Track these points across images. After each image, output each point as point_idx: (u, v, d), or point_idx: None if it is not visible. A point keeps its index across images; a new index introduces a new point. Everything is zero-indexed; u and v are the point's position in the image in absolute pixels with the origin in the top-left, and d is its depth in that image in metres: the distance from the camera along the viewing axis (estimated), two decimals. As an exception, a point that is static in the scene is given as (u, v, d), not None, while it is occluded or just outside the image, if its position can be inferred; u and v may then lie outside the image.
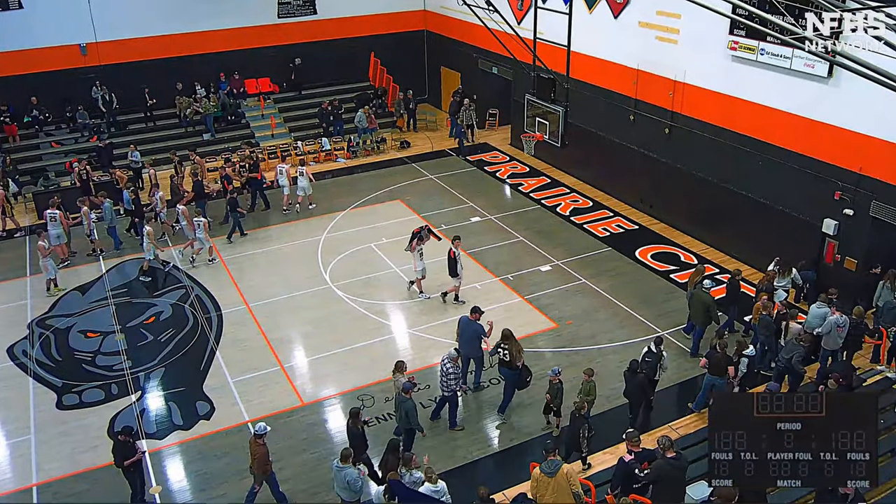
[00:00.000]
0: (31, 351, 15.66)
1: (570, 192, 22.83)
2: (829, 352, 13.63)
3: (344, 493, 10.63)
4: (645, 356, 13.01)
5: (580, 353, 14.90)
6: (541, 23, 19.36)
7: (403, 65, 29.76)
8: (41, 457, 12.78)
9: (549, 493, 9.32)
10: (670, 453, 9.74)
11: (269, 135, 27.07)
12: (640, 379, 12.65)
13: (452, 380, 12.71)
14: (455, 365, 12.71)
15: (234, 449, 12.78)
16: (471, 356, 13.80)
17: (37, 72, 24.39)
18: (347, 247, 19.73)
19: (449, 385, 12.75)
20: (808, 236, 16.21)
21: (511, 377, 13.25)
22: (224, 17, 26.50)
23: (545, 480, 9.45)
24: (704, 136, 18.46)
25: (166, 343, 15.81)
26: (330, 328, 16.22)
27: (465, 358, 13.66)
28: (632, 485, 10.03)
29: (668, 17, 18.62)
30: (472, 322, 13.56)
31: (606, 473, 11.26)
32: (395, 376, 12.60)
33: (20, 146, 24.33)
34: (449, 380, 12.70)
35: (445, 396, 12.99)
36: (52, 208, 18.85)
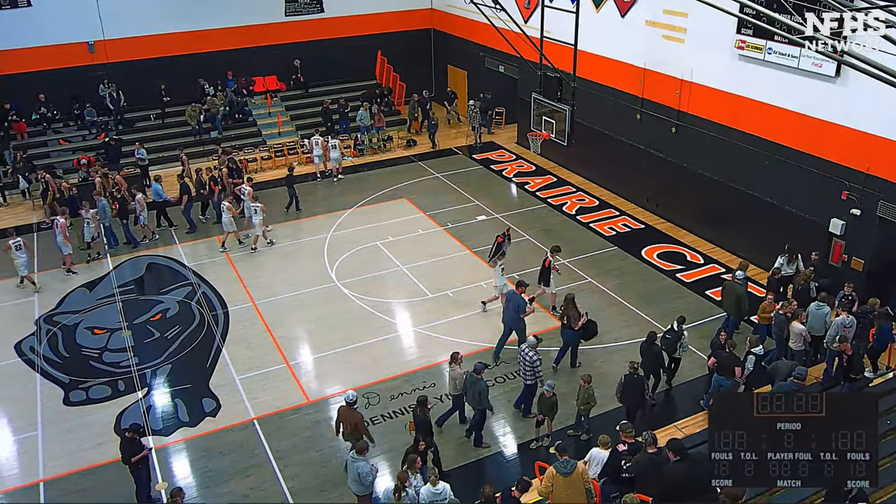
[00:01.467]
0: (38, 347, 15.72)
1: (577, 191, 22.80)
2: (835, 352, 13.49)
3: (354, 486, 10.77)
4: (666, 333, 13.54)
5: (585, 353, 14.84)
6: (547, 21, 19.32)
7: (410, 63, 29.74)
8: (48, 453, 12.83)
9: (565, 492, 9.44)
10: (651, 449, 9.86)
11: (276, 133, 27.09)
12: (657, 349, 13.07)
13: (537, 366, 12.86)
14: (536, 352, 12.92)
15: (240, 446, 12.83)
16: (513, 327, 14.63)
17: (45, 69, 24.45)
18: (353, 245, 19.73)
19: (535, 372, 12.90)
20: (815, 236, 16.12)
21: (570, 336, 14.26)
22: (231, 15, 26.55)
23: (560, 480, 9.52)
24: (711, 135, 18.40)
25: (173, 340, 15.85)
26: (336, 326, 16.22)
27: (507, 328, 14.73)
28: (620, 476, 10.11)
29: (676, 15, 18.55)
30: (517, 296, 14.47)
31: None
32: (451, 367, 12.80)
33: (28, 143, 24.40)
34: (535, 367, 12.83)
35: (528, 385, 13.10)
36: (61, 216, 18.62)
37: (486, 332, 15.76)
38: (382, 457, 12.54)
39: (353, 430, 11.64)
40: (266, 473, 12.26)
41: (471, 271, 18.26)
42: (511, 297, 14.62)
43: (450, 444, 12.73)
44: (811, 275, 14.91)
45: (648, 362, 13.06)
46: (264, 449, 12.77)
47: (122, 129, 25.60)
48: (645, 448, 9.92)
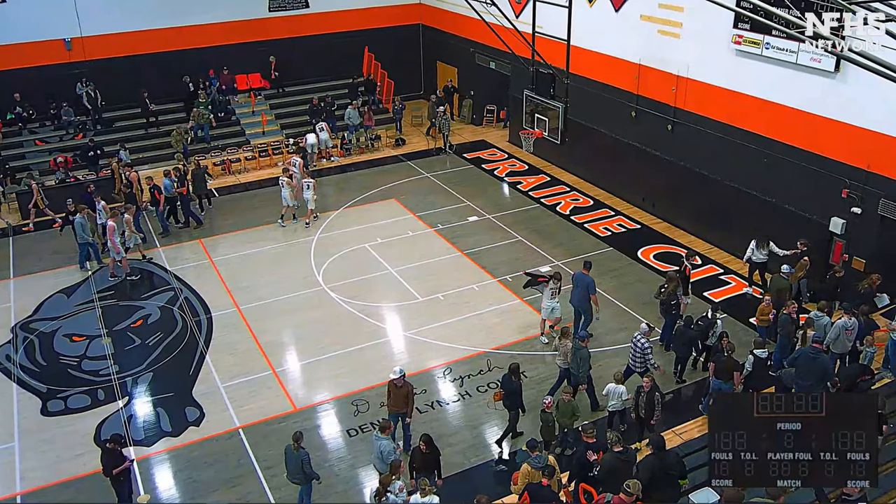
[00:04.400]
0: (14, 356, 15.32)
1: (571, 191, 22.47)
2: (836, 355, 13.27)
3: (377, 463, 11.24)
4: (699, 320, 13.98)
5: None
6: (540, 16, 19.10)
7: (398, 60, 29.33)
8: (25, 464, 12.61)
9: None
10: (617, 448, 10.13)
11: (260, 132, 26.58)
12: (691, 335, 13.63)
13: (648, 353, 12.91)
14: (649, 339, 12.98)
15: (225, 456, 12.61)
16: (580, 308, 14.95)
17: (20, 67, 23.85)
18: (341, 247, 19.37)
19: (646, 360, 12.95)
20: (815, 235, 15.90)
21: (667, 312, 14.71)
22: (214, 11, 26.00)
23: (535, 474, 10.16)
24: (708, 132, 18.18)
25: (154, 347, 15.48)
26: (323, 331, 15.89)
27: (576, 311, 15.12)
28: (586, 474, 10.45)
29: (671, 10, 18.34)
30: (585, 276, 14.81)
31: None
32: (561, 341, 13.18)
33: (2, 144, 23.74)
34: (646, 354, 12.88)
35: (639, 373, 13.02)
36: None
37: (478, 336, 15.55)
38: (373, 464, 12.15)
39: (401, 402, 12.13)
40: (252, 484, 12.05)
41: (462, 274, 17.95)
42: (580, 279, 14.89)
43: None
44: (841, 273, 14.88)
45: (681, 346, 13.76)
46: (250, 459, 12.55)
47: (100, 129, 25.00)
48: (611, 447, 10.17)
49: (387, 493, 10.09)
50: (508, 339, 15.43)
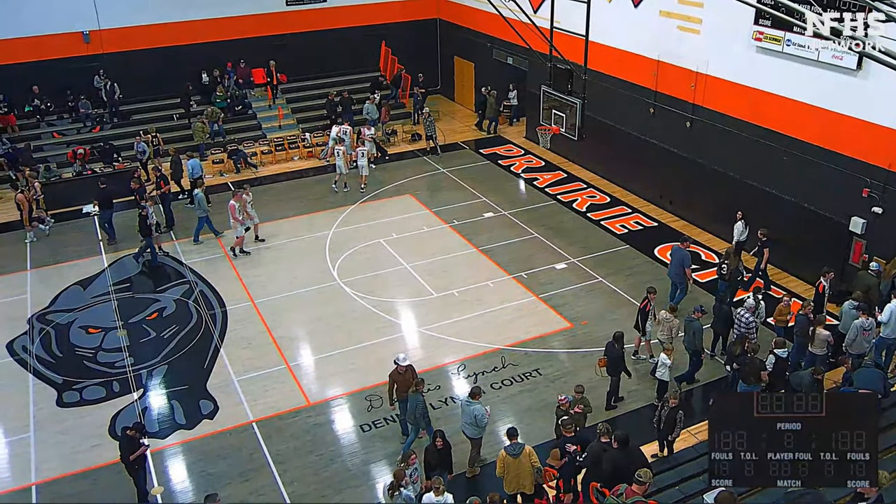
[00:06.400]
0: (31, 347, 15.38)
1: (588, 188, 22.30)
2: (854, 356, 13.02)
3: (469, 429, 11.51)
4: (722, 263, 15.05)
5: (595, 355, 14.32)
6: (558, 11, 18.81)
7: (415, 55, 29.18)
8: (40, 455, 12.62)
9: (515, 471, 10.55)
10: (605, 438, 10.20)
11: (276, 126, 26.59)
12: (727, 311, 13.86)
13: (752, 329, 13.09)
14: (754, 314, 13.22)
15: (238, 450, 12.61)
16: (676, 281, 15.56)
17: (38, 60, 23.96)
18: (356, 243, 19.31)
19: (750, 334, 13.07)
20: (835, 235, 15.71)
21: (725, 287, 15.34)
22: (231, 5, 26.00)
23: (511, 461, 10.46)
24: (727, 129, 17.97)
25: (169, 340, 15.50)
26: (337, 326, 15.85)
27: (673, 285, 15.69)
28: (573, 466, 10.56)
29: (691, 5, 18.11)
30: (680, 249, 15.42)
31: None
32: (665, 315, 13.49)
33: (21, 136, 23.89)
34: (750, 329, 13.05)
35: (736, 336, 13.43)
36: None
37: (492, 332, 15.44)
38: (386, 460, 12.30)
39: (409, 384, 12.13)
40: (265, 477, 12.03)
41: (477, 270, 17.85)
42: (676, 252, 15.54)
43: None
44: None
45: (719, 323, 14.06)
46: (263, 452, 12.53)
47: (116, 122, 25.08)
48: (599, 437, 10.31)
49: (400, 488, 10.03)
50: (523, 335, 15.33)
